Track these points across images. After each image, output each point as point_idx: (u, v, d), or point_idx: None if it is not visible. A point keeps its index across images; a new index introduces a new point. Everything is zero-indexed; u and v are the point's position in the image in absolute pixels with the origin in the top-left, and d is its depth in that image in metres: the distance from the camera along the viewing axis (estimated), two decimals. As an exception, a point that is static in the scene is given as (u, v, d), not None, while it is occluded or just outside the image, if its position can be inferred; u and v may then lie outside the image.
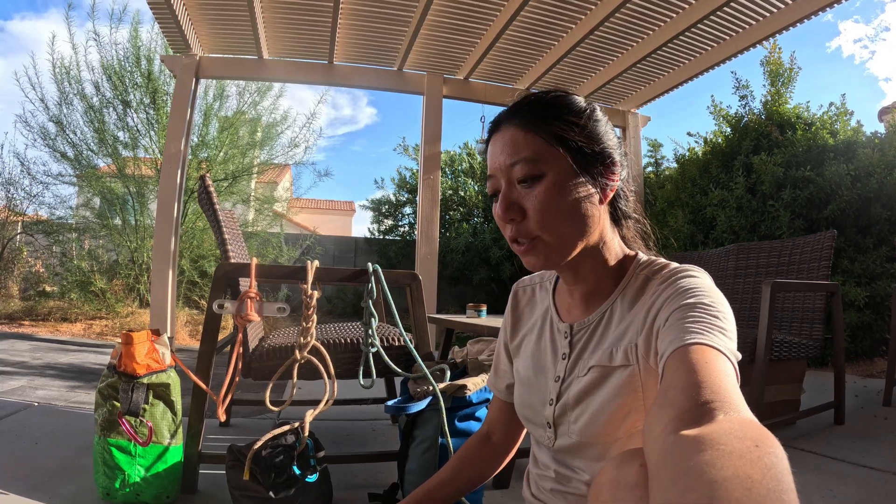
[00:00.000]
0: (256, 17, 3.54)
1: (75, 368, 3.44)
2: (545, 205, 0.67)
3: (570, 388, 0.73)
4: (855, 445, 2.02)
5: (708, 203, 4.65)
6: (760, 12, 3.53)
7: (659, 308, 0.65)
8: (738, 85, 4.80)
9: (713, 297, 0.62)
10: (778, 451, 0.37)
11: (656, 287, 0.68)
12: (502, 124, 0.72)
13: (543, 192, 0.67)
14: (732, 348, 0.55)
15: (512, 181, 0.70)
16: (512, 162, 0.69)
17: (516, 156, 0.69)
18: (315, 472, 1.31)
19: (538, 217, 0.68)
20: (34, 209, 6.75)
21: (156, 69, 6.25)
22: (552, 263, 0.71)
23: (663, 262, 0.74)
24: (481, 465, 0.94)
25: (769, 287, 2.00)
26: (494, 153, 0.72)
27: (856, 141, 4.10)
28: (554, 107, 0.71)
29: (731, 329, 0.58)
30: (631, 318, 0.69)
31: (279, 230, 7.76)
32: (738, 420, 0.41)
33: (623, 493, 0.47)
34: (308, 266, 1.49)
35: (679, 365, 0.51)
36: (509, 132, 0.70)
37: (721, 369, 0.50)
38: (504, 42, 3.97)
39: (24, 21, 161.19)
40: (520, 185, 0.69)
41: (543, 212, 0.67)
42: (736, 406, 0.44)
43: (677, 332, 0.57)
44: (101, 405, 1.41)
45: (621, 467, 0.50)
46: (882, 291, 3.74)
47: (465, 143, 8.89)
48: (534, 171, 0.68)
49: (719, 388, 0.46)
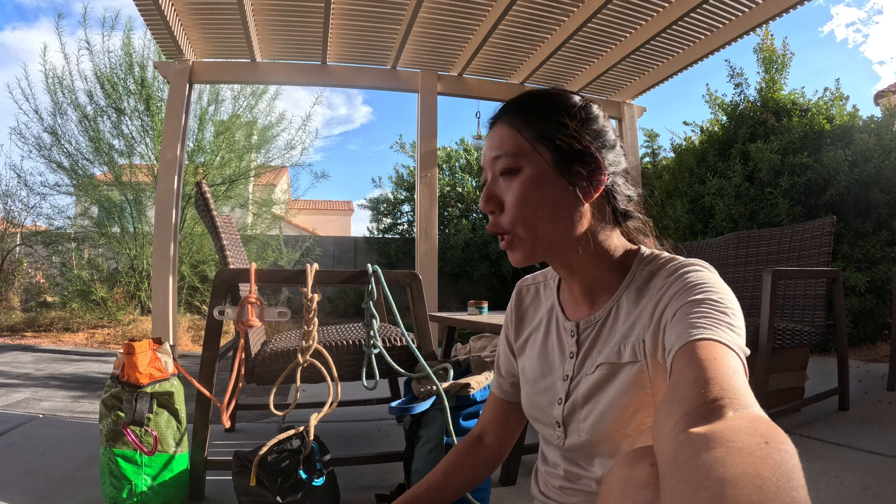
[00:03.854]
0: (248, 21, 3.53)
1: (79, 378, 3.44)
2: (519, 199, 0.70)
3: (579, 387, 0.72)
4: (860, 431, 2.02)
5: (706, 192, 4.64)
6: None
7: (666, 304, 0.64)
8: (733, 73, 4.79)
9: (721, 293, 0.61)
10: (788, 447, 0.37)
11: (662, 282, 0.68)
12: (496, 121, 0.75)
13: (518, 186, 0.70)
14: (741, 344, 0.55)
15: (495, 174, 0.73)
16: (495, 156, 0.72)
17: (500, 150, 0.72)
18: (321, 475, 1.31)
19: (513, 211, 0.70)
20: (32, 220, 6.76)
21: (149, 75, 6.23)
22: (530, 259, 0.73)
23: (667, 256, 0.73)
24: (472, 471, 0.92)
25: (770, 275, 2.00)
26: (485, 148, 0.76)
27: (852, 126, 4.09)
28: (543, 104, 0.72)
29: (740, 325, 0.58)
30: (637, 313, 0.69)
31: (278, 232, 7.75)
32: (748, 417, 0.41)
33: (634, 492, 0.47)
34: (307, 269, 1.49)
35: (687, 361, 0.51)
36: (498, 128, 0.74)
37: (730, 365, 0.49)
38: (497, 37, 3.96)
39: (15, 31, 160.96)
40: (501, 179, 0.72)
41: (517, 206, 0.70)
42: (745, 402, 0.43)
43: (685, 327, 0.56)
44: (106, 416, 1.41)
45: (632, 466, 0.49)
46: (883, 276, 3.74)
47: (461, 139, 8.89)
48: (511, 165, 0.70)
49: (728, 384, 0.46)
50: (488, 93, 4.59)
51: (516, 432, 0.95)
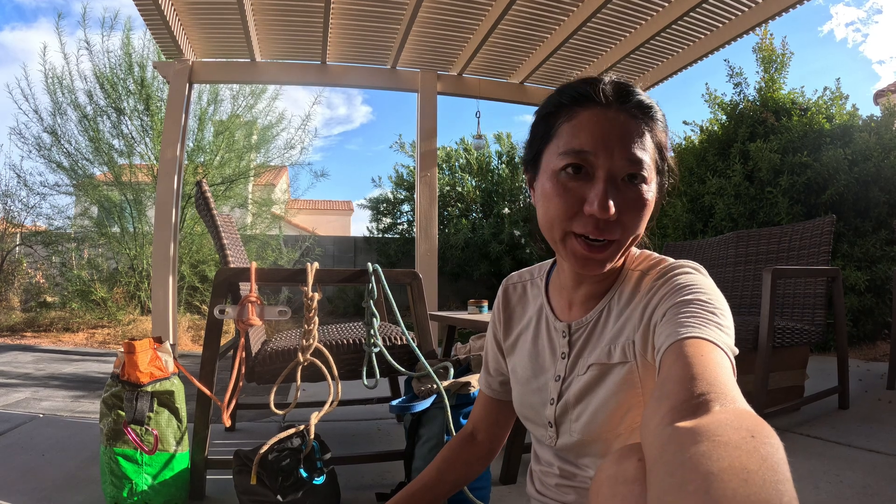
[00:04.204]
0: (248, 20, 3.53)
1: (79, 378, 3.44)
2: (644, 213, 0.66)
3: (571, 387, 0.73)
4: (860, 430, 2.02)
5: (706, 191, 4.64)
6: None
7: (656, 305, 0.65)
8: (732, 72, 4.79)
9: (710, 294, 0.62)
10: (774, 441, 0.37)
11: (652, 283, 0.68)
12: (614, 103, 0.65)
13: (645, 197, 0.65)
14: (729, 343, 0.55)
15: (615, 174, 0.64)
16: (630, 158, 0.63)
17: (638, 152, 0.64)
18: (322, 474, 1.31)
19: (635, 222, 0.66)
20: (32, 220, 6.76)
21: (149, 75, 6.23)
22: (610, 266, 0.68)
23: (657, 257, 0.73)
24: (465, 468, 0.93)
25: (770, 274, 2.00)
26: (604, 129, 0.64)
27: (852, 125, 4.10)
28: (656, 112, 0.69)
29: (729, 325, 0.58)
30: (628, 314, 0.69)
31: (278, 232, 7.75)
32: (734, 411, 0.41)
33: (622, 488, 0.47)
34: (308, 268, 1.49)
35: (675, 358, 0.51)
36: (625, 119, 0.64)
37: (717, 362, 0.50)
38: (497, 36, 3.96)
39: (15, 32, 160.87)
40: (621, 181, 0.64)
41: (641, 219, 0.66)
42: (732, 397, 0.44)
43: (674, 326, 0.57)
44: (106, 415, 1.41)
45: (620, 463, 0.50)
46: (882, 275, 3.74)
47: (461, 139, 8.89)
48: (645, 173, 0.65)
49: (715, 379, 0.46)
50: (488, 92, 4.59)
51: (507, 429, 0.95)
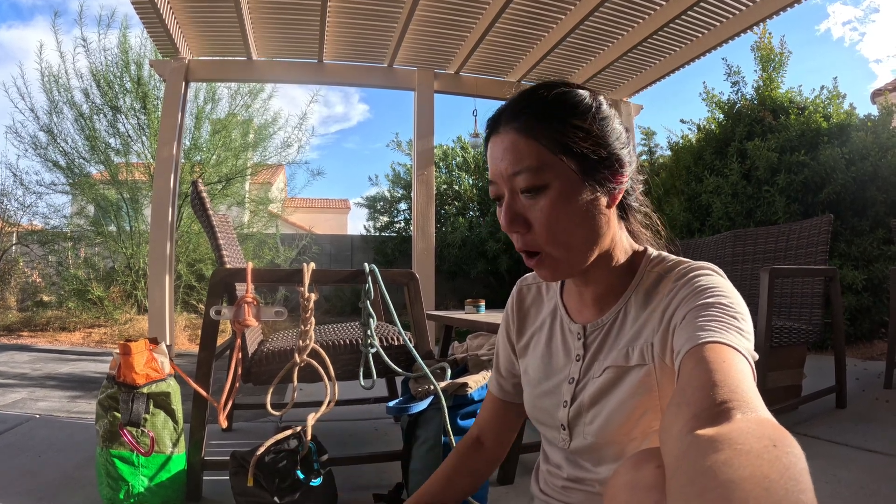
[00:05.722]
0: (244, 19, 3.51)
1: (75, 378, 3.43)
2: (551, 219, 0.65)
3: (586, 390, 0.72)
4: (857, 429, 2.03)
5: (703, 190, 4.65)
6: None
7: (676, 307, 0.64)
8: (730, 71, 4.79)
9: (731, 298, 0.61)
10: (796, 450, 0.37)
11: (671, 285, 0.67)
12: (502, 125, 0.67)
13: (549, 205, 0.64)
14: (750, 348, 0.55)
15: (515, 191, 0.67)
16: (514, 171, 0.65)
17: (518, 165, 0.65)
18: (319, 475, 1.31)
19: (544, 232, 0.65)
20: (28, 219, 6.72)
21: (145, 74, 6.20)
22: (564, 275, 0.70)
23: (674, 258, 0.72)
24: (472, 477, 0.91)
25: (767, 273, 2.00)
26: (495, 157, 0.68)
27: (849, 124, 4.10)
28: (557, 109, 0.66)
29: (749, 330, 0.58)
30: (646, 317, 0.68)
31: (275, 231, 7.73)
32: (756, 419, 0.41)
33: (640, 494, 0.47)
34: (304, 269, 1.48)
35: (696, 363, 0.51)
36: (510, 136, 0.66)
37: (738, 368, 0.49)
38: (494, 35, 3.95)
39: (11, 30, 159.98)
40: (523, 196, 0.66)
41: (550, 226, 0.65)
42: (753, 405, 0.43)
43: (694, 330, 0.56)
44: (102, 416, 1.40)
45: (638, 469, 0.49)
46: (879, 274, 3.75)
47: (458, 137, 8.88)
48: (537, 181, 0.64)
49: (737, 387, 0.46)
50: (485, 91, 4.58)
51: (514, 432, 0.94)
